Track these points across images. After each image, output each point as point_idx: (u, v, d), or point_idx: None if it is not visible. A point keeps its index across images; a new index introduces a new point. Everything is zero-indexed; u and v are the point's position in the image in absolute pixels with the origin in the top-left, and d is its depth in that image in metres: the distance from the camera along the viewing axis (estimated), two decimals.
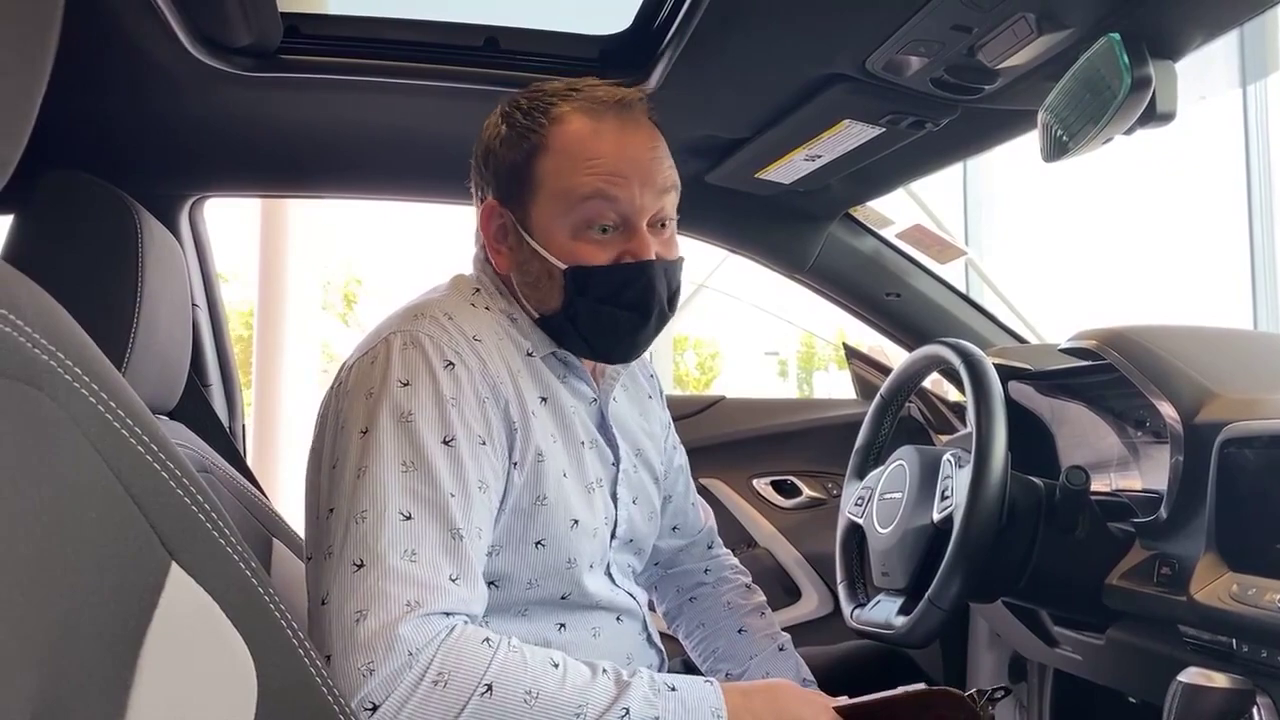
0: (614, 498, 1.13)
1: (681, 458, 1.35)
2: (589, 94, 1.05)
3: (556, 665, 0.88)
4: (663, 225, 1.08)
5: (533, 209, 1.05)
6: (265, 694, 0.56)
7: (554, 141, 1.04)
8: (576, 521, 1.05)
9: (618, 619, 1.13)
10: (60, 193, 1.13)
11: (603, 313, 1.05)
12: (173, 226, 1.64)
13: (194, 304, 1.59)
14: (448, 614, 0.87)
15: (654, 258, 1.04)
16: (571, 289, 1.04)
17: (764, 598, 1.36)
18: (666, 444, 1.31)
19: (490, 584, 0.99)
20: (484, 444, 0.97)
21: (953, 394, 2.08)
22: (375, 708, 0.81)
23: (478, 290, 1.11)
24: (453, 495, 0.92)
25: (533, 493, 1.02)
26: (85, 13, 1.10)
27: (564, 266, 1.04)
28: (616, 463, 1.14)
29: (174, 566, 0.52)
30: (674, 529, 1.34)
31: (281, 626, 0.59)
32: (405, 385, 0.95)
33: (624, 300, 1.05)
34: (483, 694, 0.83)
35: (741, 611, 1.32)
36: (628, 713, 0.87)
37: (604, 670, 0.90)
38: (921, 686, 1.00)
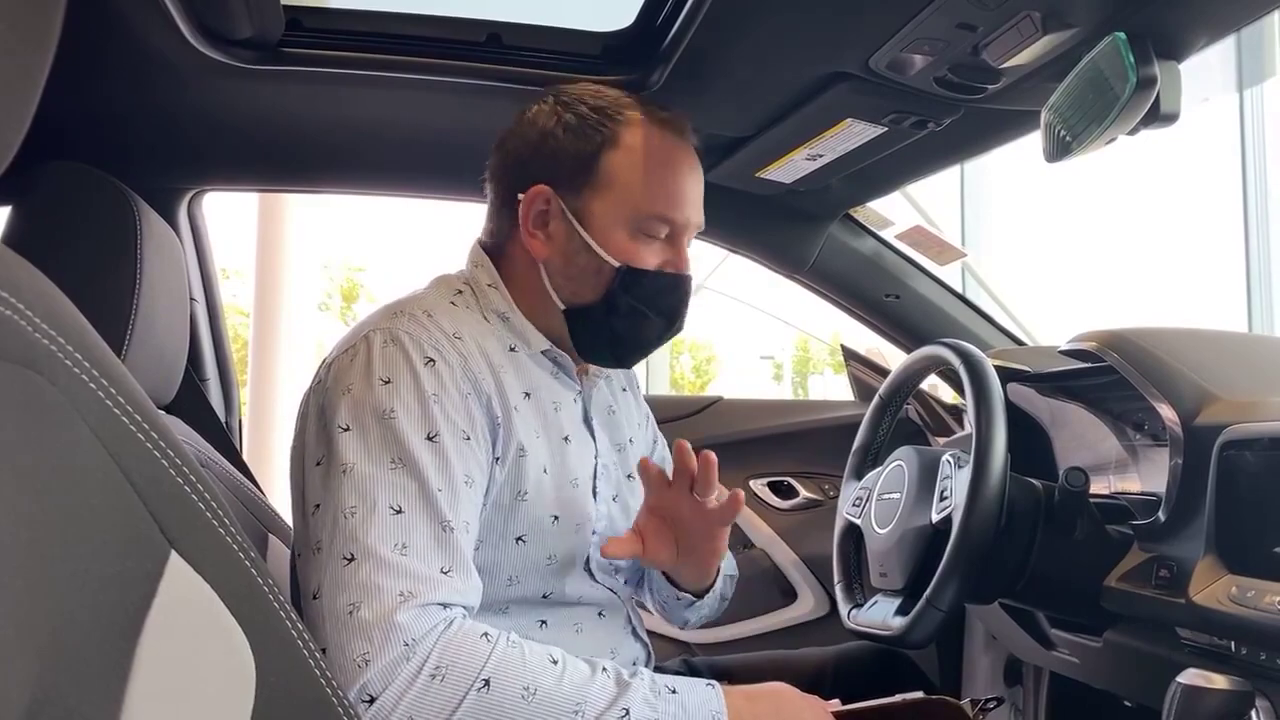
0: (593, 493, 1.13)
1: (664, 449, 1.35)
2: (649, 107, 1.11)
3: (555, 662, 0.88)
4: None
5: (594, 201, 1.07)
6: (264, 684, 0.56)
7: (627, 140, 1.07)
8: (556, 518, 1.05)
9: (600, 614, 1.13)
10: (59, 184, 1.13)
11: (638, 314, 1.09)
12: (171, 220, 1.64)
13: (192, 298, 1.58)
14: (444, 605, 0.87)
15: (690, 273, 1.11)
16: (618, 286, 1.07)
17: None
18: (646, 436, 1.32)
19: None
20: (468, 439, 0.97)
21: (949, 396, 2.08)
22: (373, 699, 0.81)
23: (460, 293, 1.11)
24: (439, 490, 0.92)
25: (514, 488, 1.02)
26: (86, 2, 1.10)
27: (617, 264, 1.06)
28: (596, 457, 1.15)
29: (173, 555, 0.52)
30: None
31: (281, 617, 0.59)
32: (386, 383, 0.95)
33: (659, 306, 1.10)
34: (480, 689, 0.83)
35: None
36: (627, 713, 0.86)
37: (604, 669, 0.90)
38: (920, 695, 1.00)
